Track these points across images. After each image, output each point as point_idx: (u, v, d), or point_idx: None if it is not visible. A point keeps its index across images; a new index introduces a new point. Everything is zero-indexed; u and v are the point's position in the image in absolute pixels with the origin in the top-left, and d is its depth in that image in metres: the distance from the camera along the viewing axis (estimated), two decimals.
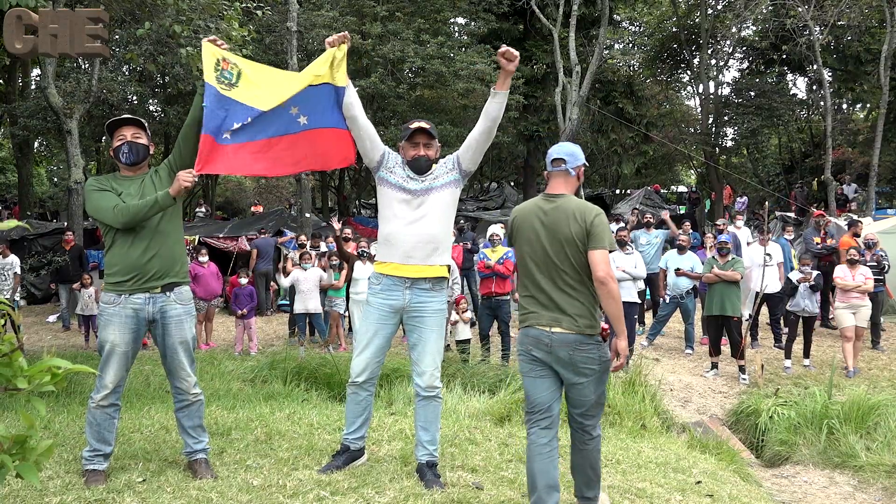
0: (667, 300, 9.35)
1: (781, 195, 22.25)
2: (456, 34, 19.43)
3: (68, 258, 11.41)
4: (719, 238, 9.02)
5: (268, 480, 3.38)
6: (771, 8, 18.29)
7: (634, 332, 8.97)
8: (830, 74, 21.52)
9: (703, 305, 8.95)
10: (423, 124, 3.53)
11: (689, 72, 25.11)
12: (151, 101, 19.35)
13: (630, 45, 26.00)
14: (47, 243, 13.94)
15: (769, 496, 4.94)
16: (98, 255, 13.03)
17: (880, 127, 17.29)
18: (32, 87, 19.64)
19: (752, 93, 22.58)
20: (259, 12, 8.36)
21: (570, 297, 3.10)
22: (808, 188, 22.85)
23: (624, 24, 26.69)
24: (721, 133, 24.45)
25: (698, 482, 4.14)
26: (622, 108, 20.95)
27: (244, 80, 3.34)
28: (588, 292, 3.12)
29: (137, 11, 8.44)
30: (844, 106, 25.79)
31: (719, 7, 22.18)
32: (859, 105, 25.62)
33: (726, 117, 23.59)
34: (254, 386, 7.16)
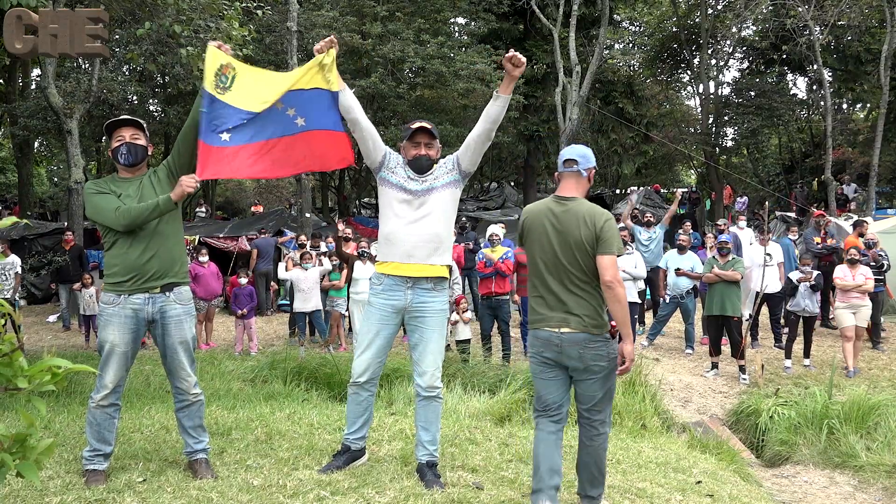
0: (667, 300, 9.35)
1: (781, 195, 22.25)
2: (456, 34, 19.43)
3: (68, 258, 11.41)
4: (719, 238, 9.02)
5: (268, 480, 3.38)
6: (771, 8, 18.29)
7: (635, 333, 8.97)
8: (830, 74, 21.52)
9: (704, 305, 8.95)
10: (425, 124, 3.54)
11: (690, 72, 25.12)
12: (151, 101, 19.37)
13: (630, 45, 26.01)
14: (47, 243, 13.94)
15: (769, 496, 4.94)
16: (98, 255, 13.03)
17: (880, 127, 17.29)
18: (33, 87, 19.64)
19: (753, 93, 22.58)
20: (259, 12, 8.37)
21: (579, 298, 3.18)
22: (809, 188, 22.85)
23: (624, 24, 26.70)
24: (721, 133, 24.46)
25: (698, 482, 4.14)
26: (622, 108, 20.97)
27: (236, 84, 3.34)
28: (596, 293, 3.20)
29: (137, 11, 8.43)
30: (844, 106, 25.79)
31: (719, 7, 22.19)
32: (859, 105, 25.62)
33: (726, 117, 23.60)
34: (254, 386, 7.16)
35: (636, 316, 9.04)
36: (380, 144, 3.56)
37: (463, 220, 12.34)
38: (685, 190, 25.51)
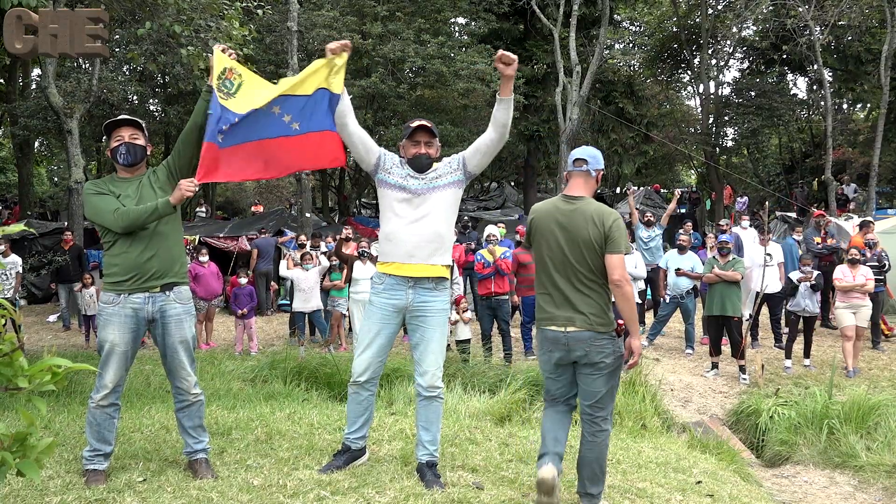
0: (667, 300, 9.35)
1: (782, 195, 22.25)
2: (456, 34, 19.43)
3: (68, 258, 11.42)
4: (720, 238, 9.02)
5: (268, 480, 3.38)
6: (771, 8, 18.28)
7: None
8: (831, 74, 21.51)
9: (704, 305, 8.95)
10: (425, 122, 3.53)
11: (690, 72, 25.11)
12: (152, 101, 19.38)
13: (630, 45, 26.02)
14: (48, 243, 13.93)
15: (769, 496, 4.94)
16: (98, 255, 13.02)
17: (881, 127, 17.28)
18: (33, 87, 19.63)
19: (753, 93, 22.58)
20: (259, 12, 8.37)
21: (585, 296, 3.25)
22: (809, 188, 22.85)
23: (624, 24, 26.72)
24: (721, 133, 24.46)
25: (699, 482, 4.14)
26: (622, 108, 20.97)
27: (241, 92, 3.33)
28: (602, 292, 3.29)
29: (138, 11, 8.43)
30: (845, 106, 25.78)
31: (720, 7, 22.18)
32: (860, 105, 25.62)
33: (727, 117, 23.60)
34: (254, 386, 7.15)
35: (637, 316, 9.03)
36: (372, 148, 3.54)
37: (465, 220, 12.34)
38: (685, 189, 25.51)
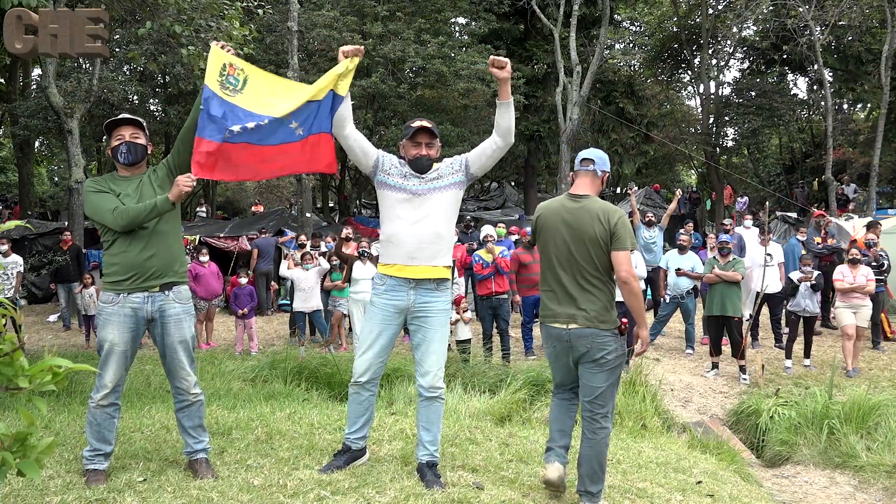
0: (667, 300, 9.35)
1: (782, 195, 22.24)
2: (457, 34, 19.43)
3: (67, 258, 11.43)
4: (721, 238, 9.01)
5: (268, 480, 3.38)
6: (772, 8, 18.27)
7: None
8: (831, 74, 21.51)
9: (704, 305, 8.95)
10: (426, 123, 3.52)
11: (690, 72, 25.11)
12: (152, 101, 19.38)
13: (631, 45, 26.02)
14: (48, 243, 13.95)
15: (770, 496, 4.94)
16: (99, 255, 13.03)
17: (881, 127, 17.28)
18: (33, 87, 19.65)
19: (753, 93, 22.57)
20: (260, 11, 8.38)
21: (589, 294, 3.32)
22: (809, 188, 22.84)
23: (624, 24, 26.71)
24: (722, 133, 24.45)
25: (699, 482, 4.14)
26: (623, 108, 20.97)
27: (250, 87, 3.31)
28: (606, 289, 3.35)
29: (138, 11, 8.43)
30: (845, 106, 25.78)
31: (720, 7, 22.17)
32: (860, 105, 25.61)
33: (727, 117, 23.59)
34: (254, 386, 7.15)
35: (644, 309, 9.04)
36: (369, 151, 3.53)
37: (468, 220, 12.34)
38: (686, 189, 25.48)
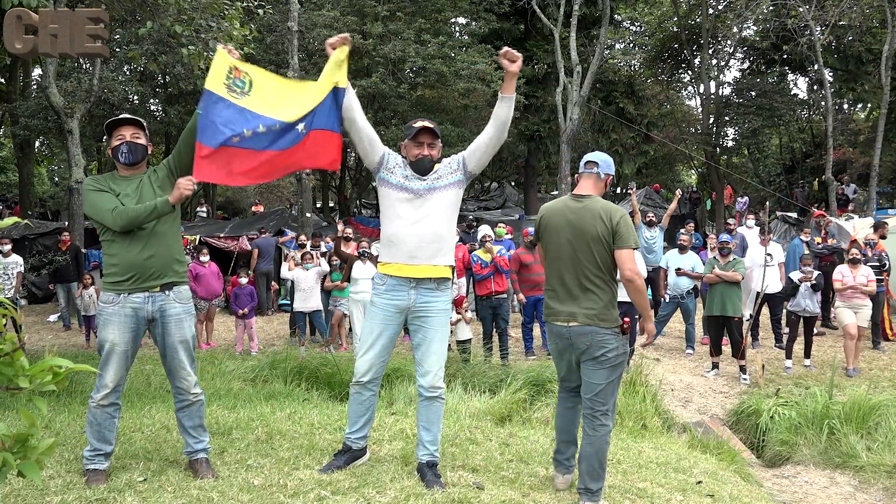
0: (667, 300, 9.35)
1: (782, 195, 22.24)
2: (457, 34, 19.42)
3: (67, 258, 11.43)
4: (721, 238, 9.02)
5: (269, 480, 3.38)
6: (772, 8, 18.27)
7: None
8: (831, 74, 21.50)
9: (704, 305, 8.95)
10: (428, 124, 3.52)
11: (690, 72, 25.09)
12: (152, 101, 19.38)
13: (631, 45, 26.01)
14: (48, 243, 13.94)
15: (770, 496, 4.94)
16: (99, 255, 13.03)
17: (881, 127, 17.27)
18: (33, 87, 19.65)
19: (753, 93, 22.55)
20: (260, 11, 8.37)
21: (591, 293, 3.35)
22: (809, 188, 22.84)
23: (625, 24, 26.70)
24: (722, 133, 24.43)
25: (699, 482, 4.13)
26: (623, 108, 20.97)
27: (256, 90, 3.30)
28: (608, 288, 3.38)
29: (138, 11, 8.43)
30: (845, 106, 25.76)
31: (720, 7, 22.17)
32: (860, 105, 25.59)
33: (727, 117, 23.57)
34: (254, 385, 7.15)
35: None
36: (377, 145, 3.53)
37: (470, 219, 12.33)
38: (687, 188, 25.49)
